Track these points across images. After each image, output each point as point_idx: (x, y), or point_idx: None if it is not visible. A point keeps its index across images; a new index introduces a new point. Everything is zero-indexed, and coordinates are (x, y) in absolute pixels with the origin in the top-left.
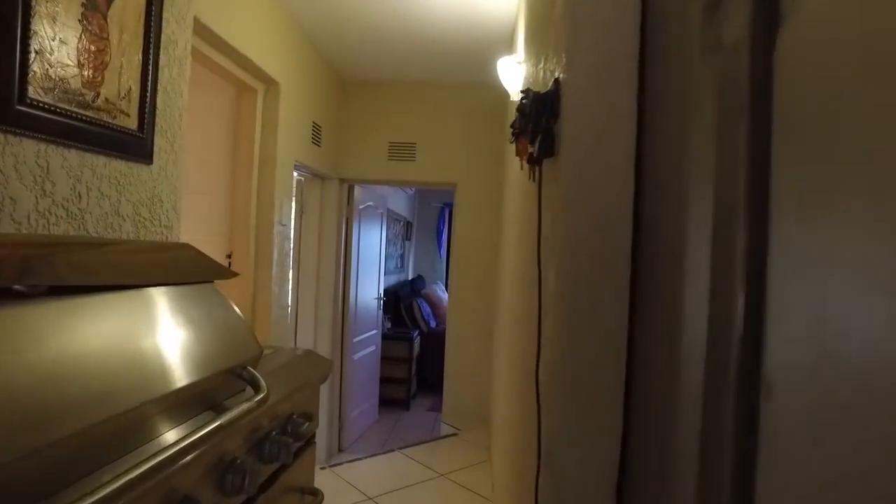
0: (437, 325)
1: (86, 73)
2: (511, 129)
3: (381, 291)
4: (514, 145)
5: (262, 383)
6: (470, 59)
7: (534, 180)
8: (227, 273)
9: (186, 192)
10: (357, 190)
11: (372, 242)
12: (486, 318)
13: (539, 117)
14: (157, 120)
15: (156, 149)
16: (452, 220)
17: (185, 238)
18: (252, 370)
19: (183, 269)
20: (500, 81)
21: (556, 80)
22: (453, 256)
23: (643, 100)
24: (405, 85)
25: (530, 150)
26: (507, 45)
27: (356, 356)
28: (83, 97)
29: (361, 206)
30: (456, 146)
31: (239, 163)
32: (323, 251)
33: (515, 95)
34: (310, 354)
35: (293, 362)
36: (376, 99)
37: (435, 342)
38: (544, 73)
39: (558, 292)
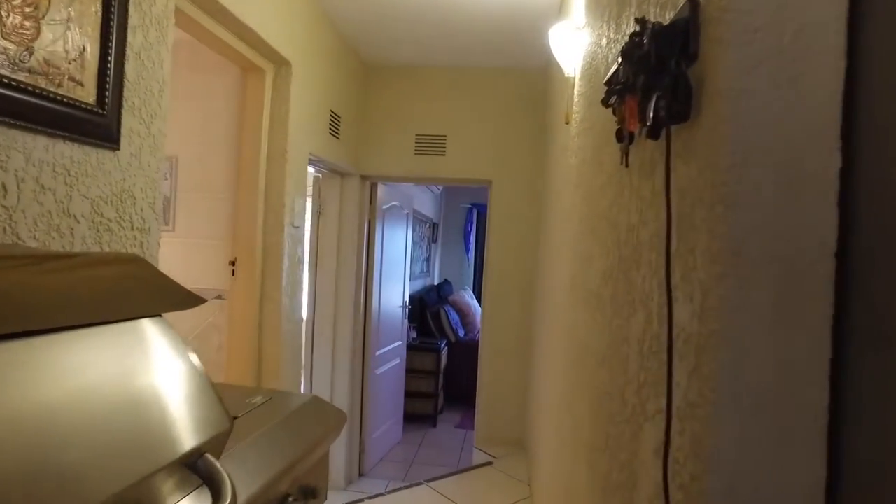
0: (465, 335)
1: (5, 18)
2: (608, 89)
3: (407, 299)
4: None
5: (225, 481)
6: (507, 40)
7: (626, 164)
8: (187, 300)
9: (184, 190)
10: (380, 188)
11: (396, 246)
12: (524, 331)
13: (662, 61)
14: (127, 94)
15: (125, 131)
16: (486, 221)
17: (181, 243)
18: (211, 460)
19: (121, 298)
20: (540, 65)
21: (693, 1)
22: (487, 262)
23: (856, 16)
24: (434, 70)
25: (643, 114)
26: (554, 17)
27: (379, 371)
28: (2, 53)
29: (385, 207)
30: (491, 139)
31: (244, 155)
32: (342, 256)
33: (573, 70)
34: (317, 404)
35: (292, 419)
36: (402, 86)
37: (464, 353)
38: (634, 17)
39: (713, 331)
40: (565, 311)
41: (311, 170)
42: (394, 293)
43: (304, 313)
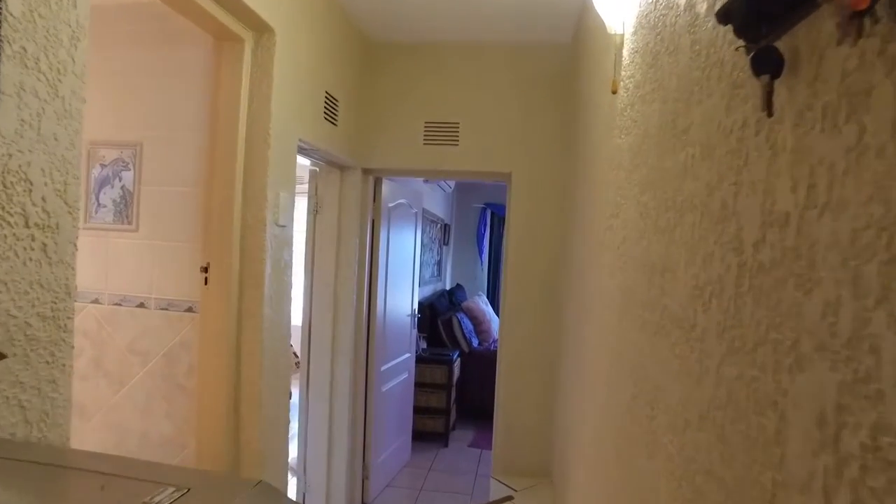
0: (480, 344)
1: None
2: None
3: (416, 307)
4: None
5: None
6: (530, 10)
7: (770, 113)
8: None
9: (150, 183)
10: (386, 184)
11: (404, 248)
12: (548, 344)
13: None
14: (7, 33)
15: (6, 86)
16: (503, 221)
17: (146, 246)
18: None
19: None
20: (565, 40)
21: None
22: (506, 266)
23: None
24: (446, 48)
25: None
26: None
27: (385, 387)
28: None
29: (391, 205)
30: (510, 126)
31: (219, 140)
32: (342, 259)
33: (620, 26)
34: (265, 496)
35: None
36: (409, 66)
37: (478, 364)
38: None
39: None
40: (613, 333)
41: (305, 162)
42: (401, 301)
43: (300, 324)
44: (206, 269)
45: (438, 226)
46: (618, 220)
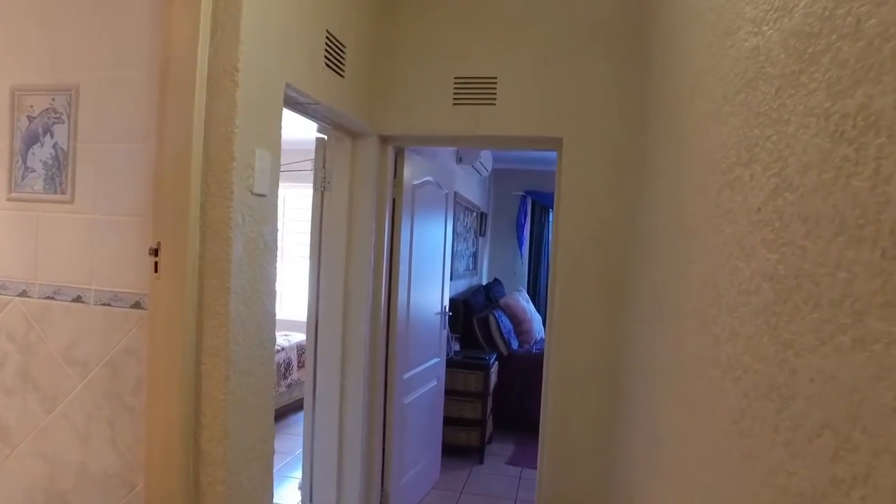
0: (520, 346)
1: None
2: None
3: (447, 304)
4: None
5: None
6: None
7: None
8: None
9: (88, 140)
10: (409, 158)
11: (432, 235)
12: (610, 348)
13: None
14: None
15: None
16: (555, 197)
17: (83, 221)
18: None
19: None
20: None
21: None
22: (557, 253)
23: None
24: None
25: None
26: None
27: (408, 398)
28: None
29: (416, 182)
30: (561, 81)
31: (170, 77)
32: (355, 246)
33: None
34: None
35: None
36: (435, 9)
37: (518, 368)
38: None
39: None
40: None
41: (314, 133)
42: (429, 296)
43: (306, 322)
44: (156, 252)
45: (474, 214)
46: (757, 166)
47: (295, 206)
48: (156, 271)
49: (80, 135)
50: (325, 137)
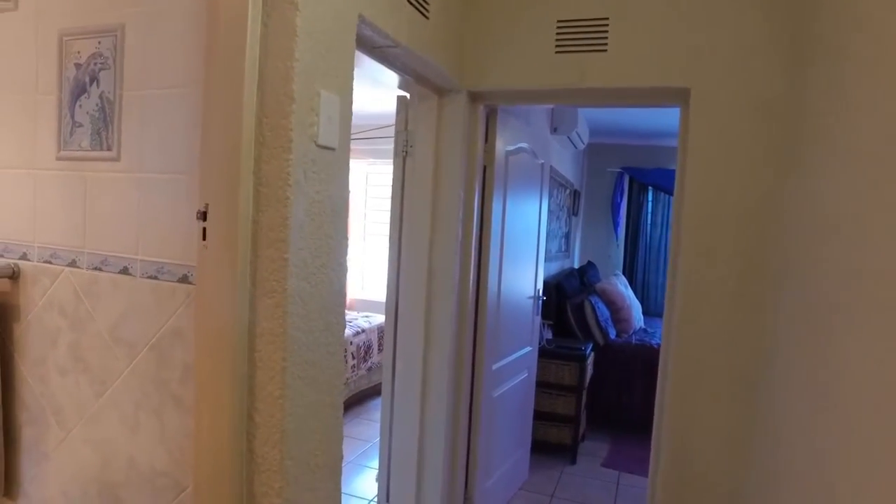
0: (618, 336)
1: None
2: None
3: (540, 287)
4: None
5: None
6: None
7: None
8: None
9: (134, 88)
10: (502, 119)
11: (526, 209)
12: (749, 352)
13: None
14: None
15: None
16: (679, 163)
17: (130, 180)
18: None
19: None
20: None
21: None
22: (680, 232)
23: None
24: None
25: None
26: None
27: (497, 392)
28: None
29: (510, 148)
30: (689, 18)
31: (220, 6)
32: (440, 219)
33: None
34: None
35: None
36: None
37: (615, 360)
38: None
39: None
40: None
41: (395, 86)
42: (521, 278)
43: (385, 305)
44: (204, 216)
45: (567, 191)
46: None
47: (377, 183)
48: (204, 239)
49: (126, 81)
50: (408, 96)
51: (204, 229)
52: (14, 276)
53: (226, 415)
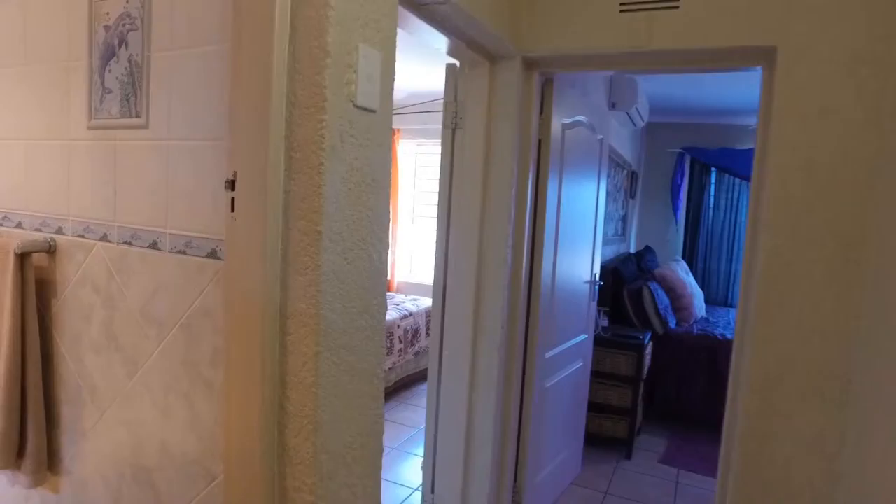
0: (677, 325)
1: None
2: None
3: (597, 272)
4: None
5: None
6: None
7: None
8: None
9: (162, 49)
10: (558, 89)
11: (583, 188)
12: (838, 344)
13: None
14: None
15: None
16: (760, 127)
17: (159, 148)
18: None
19: None
20: None
21: None
22: (761, 212)
23: None
24: None
25: None
26: None
27: (550, 382)
28: None
29: (567, 121)
30: None
31: None
32: (492, 197)
33: None
34: None
35: None
36: None
37: (675, 351)
38: None
39: None
40: None
41: (444, 54)
42: (577, 262)
43: (432, 288)
44: (232, 185)
45: (625, 172)
46: None
47: (427, 164)
48: (232, 210)
49: (154, 42)
50: (457, 64)
51: (233, 199)
52: (51, 250)
53: (255, 403)
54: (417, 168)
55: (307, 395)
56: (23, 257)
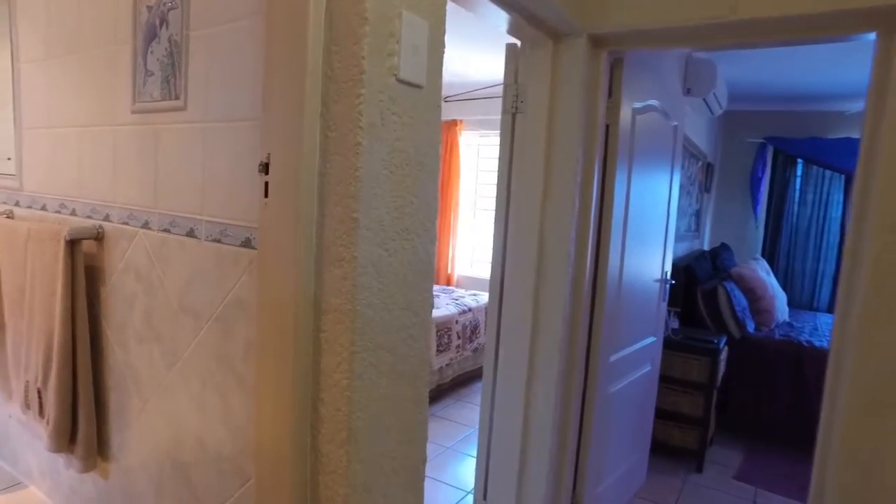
0: (756, 329)
1: None
2: None
3: (668, 270)
4: None
5: None
6: None
7: None
8: None
9: (201, 26)
10: (629, 71)
11: (655, 179)
12: None
13: None
14: None
15: None
16: (870, 105)
17: (198, 130)
18: None
19: None
20: None
21: None
22: (873, 195)
23: None
24: None
25: None
26: None
27: (614, 387)
28: None
29: (638, 105)
30: None
31: None
32: (554, 188)
33: None
34: None
35: None
36: None
37: (753, 357)
38: None
39: None
40: None
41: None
42: (646, 259)
43: (489, 283)
44: (266, 168)
45: (700, 163)
46: None
47: (488, 156)
48: (266, 196)
49: (193, 20)
50: (518, 44)
51: (266, 184)
52: (98, 237)
53: (288, 404)
54: (479, 160)
55: (341, 398)
56: (72, 244)
